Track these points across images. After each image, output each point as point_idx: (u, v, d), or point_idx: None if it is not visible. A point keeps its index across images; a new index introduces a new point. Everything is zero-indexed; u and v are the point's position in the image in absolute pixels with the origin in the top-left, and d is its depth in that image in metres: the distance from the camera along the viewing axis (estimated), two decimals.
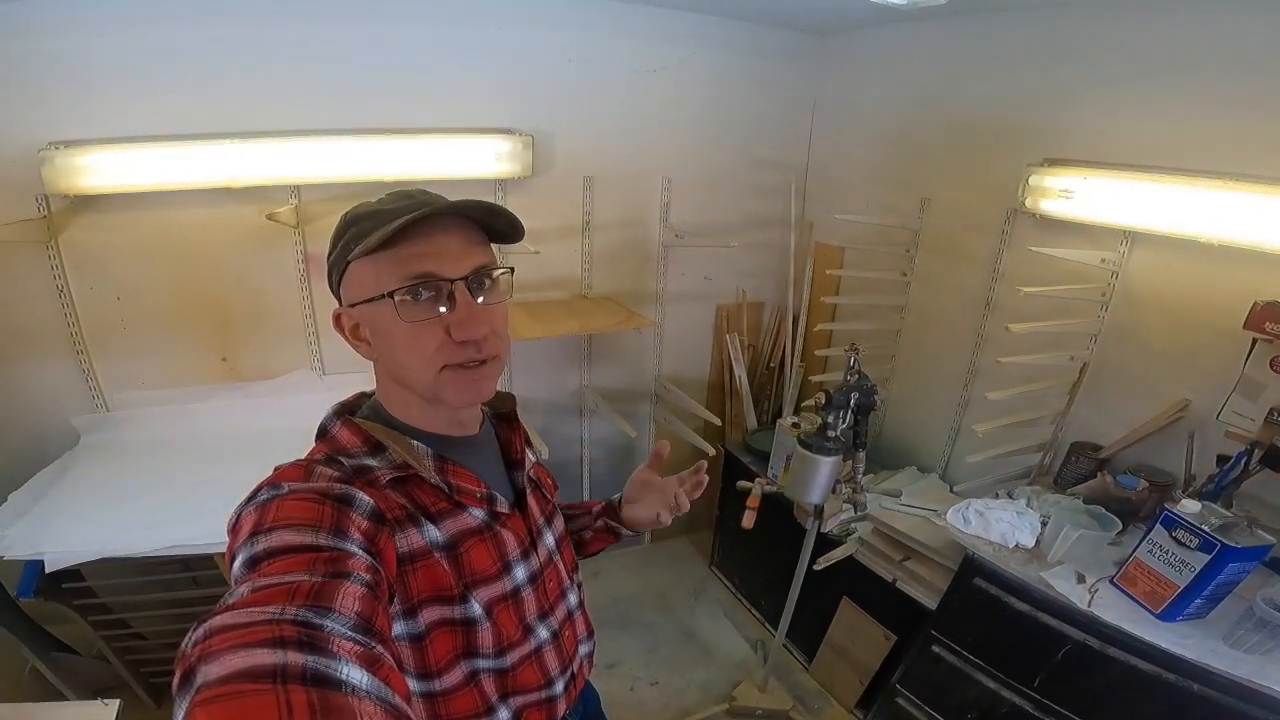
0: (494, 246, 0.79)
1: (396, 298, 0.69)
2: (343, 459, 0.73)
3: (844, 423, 1.70)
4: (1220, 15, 1.55)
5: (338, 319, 0.79)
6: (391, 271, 0.70)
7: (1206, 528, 1.34)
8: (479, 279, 0.74)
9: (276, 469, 0.70)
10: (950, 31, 2.18)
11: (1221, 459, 1.56)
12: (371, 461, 0.73)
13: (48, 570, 1.53)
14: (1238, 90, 1.55)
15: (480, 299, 0.74)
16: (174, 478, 1.86)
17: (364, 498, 0.67)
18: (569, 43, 2.26)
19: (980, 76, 2.13)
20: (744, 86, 2.59)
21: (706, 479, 1.08)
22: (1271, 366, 1.46)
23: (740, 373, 2.89)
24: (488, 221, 0.75)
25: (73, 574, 1.63)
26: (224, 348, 2.19)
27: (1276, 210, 1.44)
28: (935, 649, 1.83)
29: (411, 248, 0.69)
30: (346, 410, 0.80)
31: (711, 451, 2.52)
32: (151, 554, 1.59)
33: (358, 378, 0.85)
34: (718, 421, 2.60)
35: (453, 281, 0.71)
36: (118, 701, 1.23)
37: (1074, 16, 1.83)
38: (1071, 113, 1.89)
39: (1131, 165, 1.73)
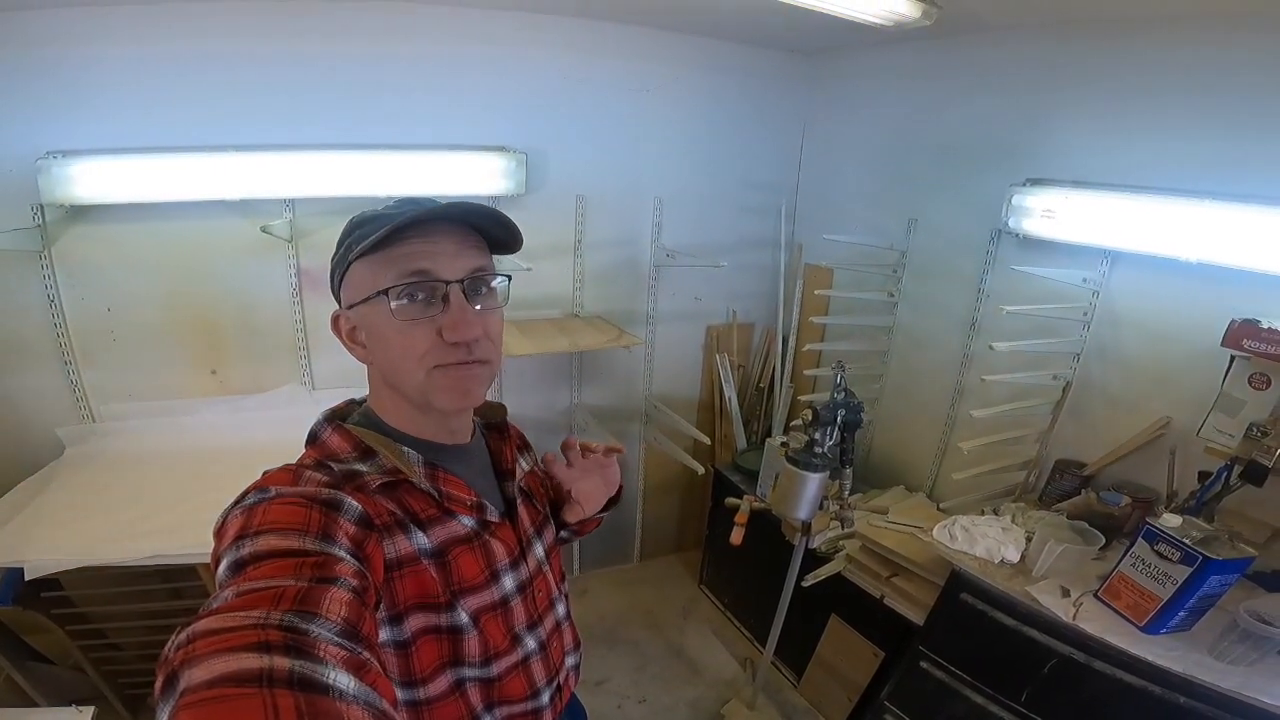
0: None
1: (391, 295, 0.70)
2: (332, 464, 0.73)
3: (831, 439, 1.71)
4: (1198, 36, 1.61)
5: (335, 321, 0.79)
6: (388, 270, 0.71)
7: (1188, 541, 1.36)
8: (475, 284, 0.75)
9: (265, 473, 0.70)
10: (936, 53, 2.23)
11: (1203, 475, 1.58)
12: (361, 467, 0.73)
13: (27, 578, 1.51)
14: (1216, 109, 1.60)
15: (476, 305, 0.74)
16: (159, 489, 1.84)
17: (352, 503, 0.67)
18: (562, 62, 2.30)
19: (965, 97, 2.19)
20: (735, 107, 2.64)
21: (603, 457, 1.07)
22: (1250, 383, 1.48)
23: (730, 393, 2.90)
24: (487, 229, 0.76)
25: (51, 583, 1.61)
26: (214, 361, 2.18)
27: (1253, 228, 1.49)
28: (923, 665, 1.82)
29: (408, 247, 0.71)
30: (337, 416, 0.80)
31: (701, 470, 2.52)
32: (133, 563, 1.57)
33: (348, 393, 0.85)
34: (707, 441, 2.61)
35: (448, 283, 0.72)
36: (91, 708, 1.22)
37: (1056, 38, 1.89)
38: (1054, 133, 1.94)
39: (1112, 185, 1.78)
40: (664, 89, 2.49)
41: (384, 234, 0.68)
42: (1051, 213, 1.88)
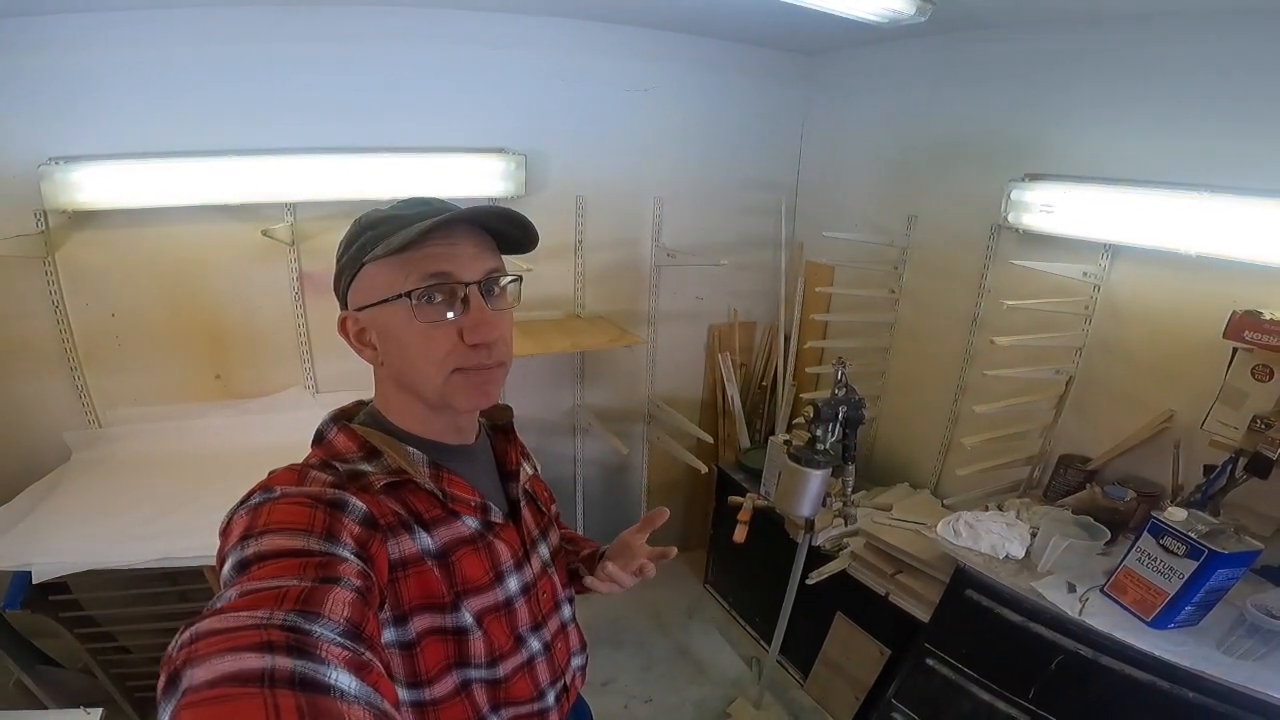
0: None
1: (413, 298, 0.70)
2: (337, 464, 0.73)
3: (833, 436, 1.71)
4: (1194, 30, 1.60)
5: (343, 323, 0.79)
6: (407, 272, 0.70)
7: (1193, 534, 1.35)
8: (489, 285, 0.75)
9: (270, 473, 0.70)
10: (933, 50, 2.23)
11: (1208, 468, 1.57)
12: (366, 467, 0.73)
13: (35, 581, 1.52)
14: (1213, 103, 1.60)
15: (490, 305, 0.74)
16: (165, 493, 1.85)
17: (357, 503, 0.67)
18: (562, 63, 2.31)
19: (963, 93, 2.19)
20: (734, 106, 2.64)
21: (653, 570, 1.00)
22: (1252, 375, 1.48)
23: (733, 392, 2.91)
24: (502, 230, 0.77)
25: (60, 587, 1.63)
26: (218, 365, 2.19)
27: (1252, 221, 1.48)
28: (929, 662, 1.82)
29: (428, 249, 0.71)
30: (344, 416, 0.80)
31: (705, 469, 2.53)
32: (140, 565, 1.58)
33: (351, 396, 0.86)
34: (710, 440, 2.61)
35: (467, 285, 0.72)
36: (100, 710, 1.23)
37: (1052, 33, 1.89)
38: (1052, 128, 1.93)
39: (1111, 179, 1.77)
40: (663, 89, 2.49)
41: (413, 236, 0.67)
42: (1051, 207, 1.88)
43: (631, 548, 1.03)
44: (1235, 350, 1.51)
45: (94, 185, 1.82)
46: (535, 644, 0.87)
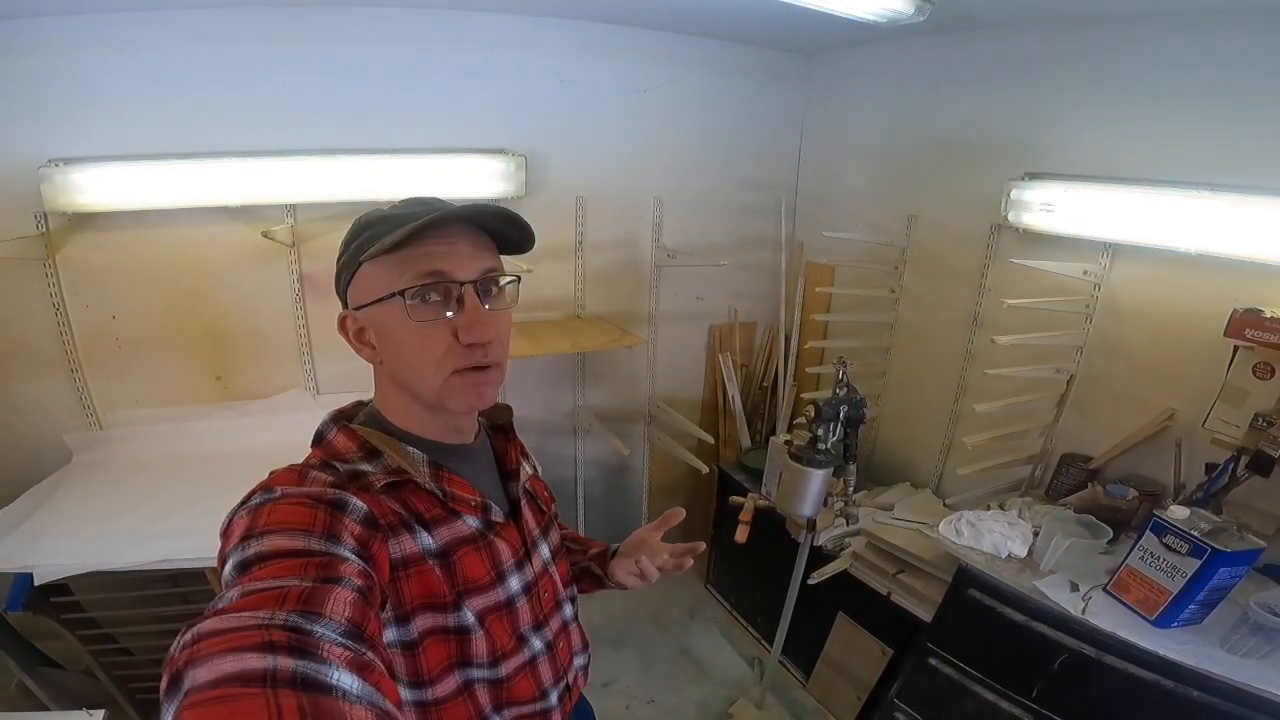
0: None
1: (407, 297, 0.70)
2: (337, 464, 0.73)
3: (834, 435, 1.71)
4: (1193, 30, 1.61)
5: (342, 322, 0.79)
6: (403, 271, 0.71)
7: (1196, 533, 1.35)
8: (486, 285, 0.75)
9: (271, 474, 0.70)
10: (931, 49, 2.23)
11: (1209, 466, 1.57)
12: (366, 467, 0.73)
13: (37, 583, 1.52)
14: (1212, 102, 1.60)
15: (486, 305, 0.74)
16: (166, 495, 1.85)
17: (357, 503, 0.67)
18: (561, 64, 2.31)
19: (962, 93, 2.18)
20: (733, 107, 2.64)
21: (690, 563, 1.05)
22: (1254, 373, 1.48)
23: (733, 392, 2.90)
24: (500, 229, 0.77)
25: (61, 588, 1.63)
26: (218, 367, 2.19)
27: (1252, 219, 1.48)
28: (932, 662, 1.81)
29: (424, 248, 0.71)
30: (344, 417, 0.81)
31: (706, 469, 2.52)
32: (140, 567, 1.58)
33: (352, 397, 0.86)
34: (711, 440, 2.60)
35: (462, 284, 0.72)
36: (102, 712, 1.23)
37: (1050, 33, 1.89)
38: (1052, 127, 1.93)
39: (1110, 178, 1.77)
40: (662, 89, 2.49)
41: (407, 234, 0.67)
42: (1050, 206, 1.88)
43: (649, 545, 1.06)
44: (1236, 348, 1.51)
45: (94, 187, 1.82)
46: (537, 643, 0.87)
